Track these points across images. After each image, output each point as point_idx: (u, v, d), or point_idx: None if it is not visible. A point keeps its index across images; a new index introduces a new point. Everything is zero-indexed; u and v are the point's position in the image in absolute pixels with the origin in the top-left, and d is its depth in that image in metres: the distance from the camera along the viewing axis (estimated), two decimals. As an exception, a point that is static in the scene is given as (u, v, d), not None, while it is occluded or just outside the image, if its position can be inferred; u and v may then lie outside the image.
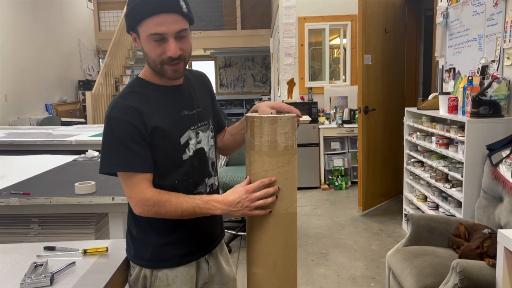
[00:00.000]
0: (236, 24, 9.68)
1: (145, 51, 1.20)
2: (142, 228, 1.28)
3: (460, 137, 2.82)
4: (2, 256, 1.37)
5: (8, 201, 2.12)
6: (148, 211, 1.19)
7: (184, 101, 1.30)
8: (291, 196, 1.26)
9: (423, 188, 3.53)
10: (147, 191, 1.18)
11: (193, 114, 1.30)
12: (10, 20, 6.19)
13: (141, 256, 1.29)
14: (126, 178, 1.19)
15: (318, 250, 3.55)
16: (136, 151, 1.18)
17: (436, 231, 2.51)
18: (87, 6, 9.05)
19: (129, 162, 1.17)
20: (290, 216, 1.27)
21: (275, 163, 1.22)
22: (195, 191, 1.30)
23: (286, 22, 5.81)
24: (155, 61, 1.19)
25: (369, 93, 4.31)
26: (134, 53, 9.28)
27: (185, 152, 1.26)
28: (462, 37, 3.36)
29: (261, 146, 1.22)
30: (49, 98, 7.28)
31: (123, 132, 1.17)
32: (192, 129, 1.28)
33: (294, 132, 1.25)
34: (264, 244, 1.26)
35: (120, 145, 1.17)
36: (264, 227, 1.25)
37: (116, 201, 2.13)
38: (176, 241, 1.28)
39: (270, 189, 1.20)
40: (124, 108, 1.19)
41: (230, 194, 1.21)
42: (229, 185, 3.64)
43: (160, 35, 1.15)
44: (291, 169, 1.25)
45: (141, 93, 1.24)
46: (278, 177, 1.22)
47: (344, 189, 5.40)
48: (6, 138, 4.07)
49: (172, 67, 1.19)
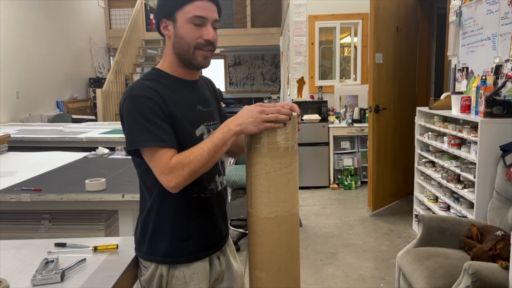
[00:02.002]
0: (246, 22, 9.67)
1: (181, 34, 1.22)
2: (157, 224, 1.27)
3: (473, 138, 2.78)
4: (13, 252, 1.38)
5: (19, 197, 2.13)
6: (182, 177, 1.14)
7: (199, 97, 1.32)
8: (293, 198, 1.24)
9: (434, 188, 3.49)
10: (171, 159, 1.15)
11: (206, 111, 1.32)
12: (23, 18, 6.25)
13: (156, 252, 1.27)
14: (152, 153, 1.16)
15: (327, 249, 3.53)
16: (161, 126, 1.17)
17: (448, 232, 2.48)
18: (98, 4, 9.10)
19: (156, 137, 1.15)
20: (293, 218, 1.25)
21: (277, 164, 1.19)
22: (209, 187, 1.31)
23: (297, 20, 5.78)
24: (189, 45, 1.23)
25: (380, 92, 4.27)
26: (144, 51, 9.31)
27: None
28: (476, 36, 3.31)
29: (262, 147, 1.19)
30: (60, 95, 7.34)
31: (146, 107, 1.16)
32: (205, 125, 1.30)
33: (295, 132, 1.22)
34: (268, 247, 1.24)
35: (144, 120, 1.15)
36: (267, 230, 1.23)
37: (126, 198, 2.13)
38: (191, 236, 1.28)
39: (283, 110, 1.16)
40: (146, 87, 1.19)
41: (240, 112, 1.20)
42: (237, 183, 3.64)
43: (202, 18, 1.22)
44: (293, 170, 1.23)
45: (159, 81, 1.25)
46: (280, 179, 1.20)
47: (353, 189, 5.37)
48: (17, 135, 4.11)
49: (204, 52, 1.24)
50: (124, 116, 1.20)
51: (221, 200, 1.39)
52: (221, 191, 1.37)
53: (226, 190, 1.44)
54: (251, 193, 1.24)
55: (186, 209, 1.28)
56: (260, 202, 1.22)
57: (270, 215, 1.22)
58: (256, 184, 1.22)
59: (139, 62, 8.97)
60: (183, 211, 1.27)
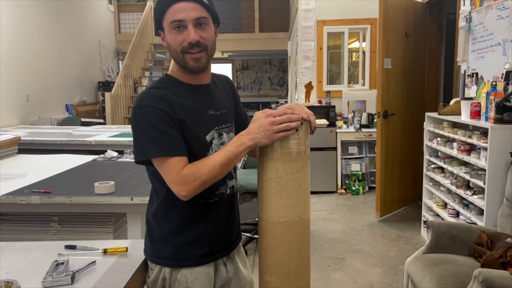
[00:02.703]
0: (254, 27, 9.69)
1: (169, 43, 1.24)
2: (162, 226, 1.28)
3: (483, 144, 2.76)
4: (24, 253, 1.39)
5: (29, 199, 2.15)
6: (193, 188, 1.16)
7: (210, 101, 1.31)
8: (304, 203, 1.24)
9: (443, 194, 3.46)
10: (184, 170, 1.16)
11: (218, 115, 1.32)
12: (34, 22, 6.32)
13: (161, 255, 1.29)
14: (163, 163, 1.17)
15: (335, 255, 3.51)
16: (171, 135, 1.18)
17: (457, 239, 2.46)
18: (107, 9, 9.18)
19: (166, 146, 1.16)
20: (304, 223, 1.24)
21: (289, 169, 1.19)
22: (217, 191, 1.30)
23: (305, 25, 5.79)
24: (177, 51, 1.22)
25: (388, 97, 4.26)
26: (153, 55, 9.37)
27: (209, 151, 1.27)
28: (486, 42, 3.29)
29: (274, 151, 1.19)
30: (69, 99, 7.40)
31: (156, 118, 1.17)
32: (216, 129, 1.29)
33: (307, 137, 1.23)
34: (278, 252, 1.23)
35: (154, 130, 1.17)
36: (277, 234, 1.22)
37: (134, 201, 2.14)
38: (196, 240, 1.28)
39: (293, 116, 1.17)
40: (154, 97, 1.20)
41: (251, 124, 1.20)
42: (245, 187, 3.64)
43: (179, 22, 1.20)
44: (305, 175, 1.23)
45: (169, 88, 1.25)
46: (292, 184, 1.20)
47: (361, 194, 5.34)
48: (27, 137, 4.15)
49: (193, 55, 1.21)
50: (133, 127, 1.21)
51: (231, 204, 1.37)
52: (231, 194, 1.36)
53: (237, 194, 1.43)
54: (262, 197, 1.24)
55: (192, 213, 1.28)
56: (271, 206, 1.22)
57: (281, 219, 1.22)
58: (268, 188, 1.22)
59: (147, 66, 9.03)
60: (189, 215, 1.28)
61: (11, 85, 5.71)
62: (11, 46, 5.72)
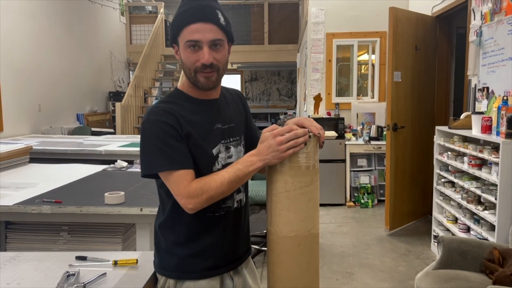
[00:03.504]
0: (264, 39, 9.76)
1: (182, 59, 1.25)
2: (168, 238, 1.29)
3: (494, 158, 2.74)
4: (35, 263, 1.40)
5: (40, 208, 2.17)
6: (200, 202, 1.17)
7: (218, 115, 1.32)
8: (313, 217, 1.23)
9: (454, 209, 3.43)
10: (191, 184, 1.18)
11: (226, 128, 1.32)
12: (47, 33, 6.43)
13: (166, 266, 1.29)
14: (170, 176, 1.19)
15: (344, 269, 3.48)
16: (178, 149, 1.20)
17: (469, 255, 2.43)
18: (120, 21, 9.31)
19: (173, 160, 1.18)
20: (313, 238, 1.23)
21: (298, 183, 1.19)
22: (223, 205, 1.29)
23: (314, 38, 5.82)
24: (189, 69, 1.24)
25: (398, 110, 4.25)
26: (163, 66, 9.47)
27: (215, 165, 1.27)
28: (497, 56, 3.28)
29: (283, 165, 1.19)
30: (80, 108, 7.49)
31: (162, 132, 1.19)
32: (222, 143, 1.30)
33: (316, 151, 1.22)
34: (286, 267, 1.22)
35: (161, 144, 1.19)
36: (286, 249, 1.21)
37: (144, 212, 2.15)
38: (201, 253, 1.28)
39: (299, 131, 1.17)
40: (161, 111, 1.22)
41: (260, 144, 1.21)
42: (253, 199, 3.63)
43: (195, 42, 1.21)
44: (314, 190, 1.22)
45: (177, 102, 1.27)
46: (300, 198, 1.19)
47: (370, 207, 5.30)
48: (39, 147, 4.19)
49: (205, 74, 1.23)
50: (141, 141, 1.23)
51: (239, 218, 1.36)
52: (238, 208, 1.35)
53: (248, 208, 1.42)
54: (271, 211, 1.24)
55: (198, 226, 1.28)
56: (280, 220, 1.22)
57: (290, 234, 1.21)
58: (276, 202, 1.22)
59: (158, 76, 9.12)
60: (195, 228, 1.28)
61: (24, 94, 5.79)
62: (24, 57, 5.82)
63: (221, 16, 1.23)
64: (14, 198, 2.30)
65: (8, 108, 5.38)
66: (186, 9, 1.22)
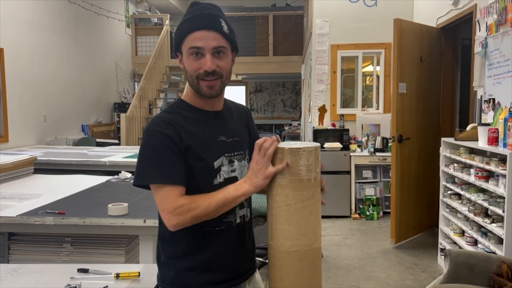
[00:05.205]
0: (269, 51, 9.81)
1: (185, 67, 1.25)
2: (166, 251, 1.28)
3: (501, 171, 2.70)
4: (37, 276, 1.39)
5: (43, 220, 2.16)
6: (184, 219, 1.15)
7: (222, 127, 1.31)
8: (315, 231, 1.20)
9: (461, 222, 3.38)
10: (180, 199, 1.16)
11: (230, 141, 1.30)
12: (53, 44, 6.50)
13: (165, 279, 1.28)
14: (159, 189, 1.18)
15: (349, 282, 3.43)
16: (171, 162, 1.18)
17: (476, 268, 2.38)
18: (125, 32, 9.40)
19: (163, 173, 1.17)
20: (315, 252, 1.20)
21: (299, 196, 1.16)
22: (224, 219, 1.26)
23: (319, 49, 5.84)
24: (192, 76, 1.23)
25: (403, 121, 4.23)
26: (168, 77, 9.52)
27: (216, 178, 1.25)
28: (503, 68, 3.27)
29: (283, 178, 1.17)
30: (85, 119, 7.52)
31: (159, 143, 1.18)
32: (226, 156, 1.27)
33: (317, 163, 1.19)
34: (287, 283, 1.19)
35: (155, 156, 1.18)
36: (287, 264, 1.18)
37: (147, 223, 2.14)
38: (198, 268, 1.25)
39: (265, 143, 1.15)
40: (163, 122, 1.21)
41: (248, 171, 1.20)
42: (257, 210, 3.60)
43: (197, 49, 1.21)
44: (315, 203, 1.19)
45: (180, 113, 1.26)
46: (302, 212, 1.17)
47: (375, 219, 5.25)
48: (43, 157, 4.20)
49: (207, 82, 1.22)
50: (139, 149, 1.23)
51: (243, 234, 1.33)
52: (241, 224, 1.31)
53: (251, 224, 1.39)
54: (271, 225, 1.21)
55: (197, 240, 1.25)
56: (281, 235, 1.19)
57: (291, 249, 1.18)
58: (277, 216, 1.19)
59: (163, 88, 9.17)
60: (193, 242, 1.25)
61: (30, 105, 5.83)
62: (31, 68, 5.87)
63: (225, 24, 1.23)
64: (17, 209, 2.30)
65: (13, 119, 5.41)
66: (190, 18, 1.23)
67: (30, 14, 5.87)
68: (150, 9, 10.87)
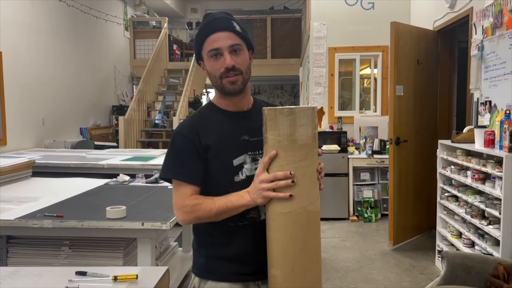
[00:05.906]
0: (267, 53, 9.84)
1: (208, 70, 1.34)
2: (197, 239, 1.39)
3: (497, 173, 2.72)
4: (35, 279, 1.39)
5: (42, 223, 2.16)
6: (188, 217, 1.27)
7: (247, 127, 1.35)
8: (310, 194, 1.20)
9: (458, 224, 3.39)
10: (188, 198, 1.26)
11: (253, 141, 1.34)
12: (51, 47, 6.50)
13: (195, 264, 1.39)
14: (175, 185, 1.30)
15: (347, 284, 3.44)
16: (186, 162, 1.29)
17: (473, 270, 2.39)
18: (124, 35, 9.42)
19: (178, 170, 1.29)
20: (310, 215, 1.20)
21: (291, 157, 1.17)
22: (247, 215, 1.31)
23: (317, 52, 5.86)
24: (215, 77, 1.31)
25: (400, 124, 4.25)
26: (166, 80, 9.54)
27: (238, 175, 1.30)
28: (499, 70, 3.29)
29: (275, 139, 1.17)
30: (84, 122, 7.52)
31: (180, 144, 1.31)
32: (249, 154, 1.32)
33: (312, 124, 1.19)
34: (282, 245, 1.20)
35: (175, 155, 1.31)
36: (281, 226, 1.19)
37: (145, 226, 2.14)
38: (223, 258, 1.33)
39: (279, 173, 1.17)
40: (187, 124, 1.34)
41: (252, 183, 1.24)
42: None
43: (216, 50, 1.29)
44: (310, 164, 1.20)
45: (206, 115, 1.37)
46: (295, 173, 1.17)
47: (373, 222, 5.26)
48: (42, 160, 4.21)
49: (229, 78, 1.30)
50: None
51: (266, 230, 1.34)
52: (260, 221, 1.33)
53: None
54: None
55: (221, 233, 1.32)
56: None
57: (283, 210, 1.19)
58: None
59: (161, 90, 9.19)
60: (218, 234, 1.33)
61: (28, 108, 5.83)
62: (29, 71, 5.87)
63: (237, 25, 1.33)
64: (16, 212, 2.30)
65: (12, 122, 5.41)
66: (203, 26, 1.33)
67: (28, 17, 5.88)
68: (149, 12, 10.90)
